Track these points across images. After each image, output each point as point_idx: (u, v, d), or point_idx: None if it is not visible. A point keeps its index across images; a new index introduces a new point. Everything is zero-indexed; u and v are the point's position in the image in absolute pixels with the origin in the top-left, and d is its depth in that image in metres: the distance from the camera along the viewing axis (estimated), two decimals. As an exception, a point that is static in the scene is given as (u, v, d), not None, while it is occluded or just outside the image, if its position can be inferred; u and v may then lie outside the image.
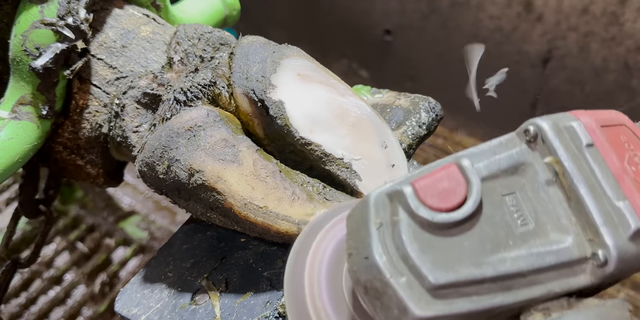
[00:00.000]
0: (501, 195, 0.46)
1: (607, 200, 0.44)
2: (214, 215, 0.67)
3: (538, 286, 0.43)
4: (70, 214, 1.91)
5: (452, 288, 0.42)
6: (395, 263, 0.43)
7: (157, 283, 0.71)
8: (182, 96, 0.69)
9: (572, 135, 0.46)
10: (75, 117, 0.74)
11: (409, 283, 0.42)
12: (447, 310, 0.42)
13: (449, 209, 0.43)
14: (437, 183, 0.44)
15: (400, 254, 0.43)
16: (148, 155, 0.67)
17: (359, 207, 0.47)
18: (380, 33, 2.20)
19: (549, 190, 0.46)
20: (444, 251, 0.43)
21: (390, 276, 0.42)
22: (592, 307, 0.43)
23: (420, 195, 0.44)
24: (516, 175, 0.47)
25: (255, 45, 0.71)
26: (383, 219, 0.45)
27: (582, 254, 0.44)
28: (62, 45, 0.68)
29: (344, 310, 0.53)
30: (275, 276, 0.67)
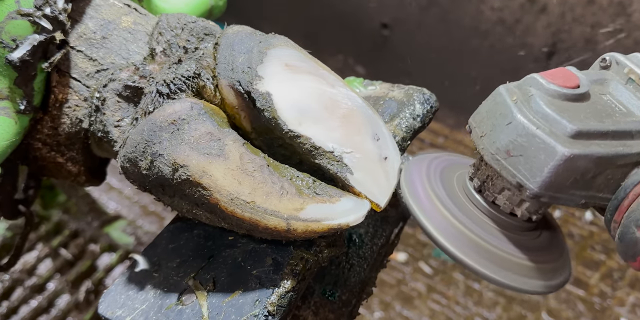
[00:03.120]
0: (599, 93, 0.64)
1: None
2: (200, 212, 0.68)
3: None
4: (53, 219, 1.92)
5: (586, 136, 0.57)
6: (536, 121, 0.58)
7: (142, 284, 0.72)
8: (164, 88, 0.69)
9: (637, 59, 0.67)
10: (54, 112, 0.75)
11: (552, 132, 0.57)
12: (584, 151, 0.57)
13: (571, 87, 0.61)
14: (557, 74, 0.62)
15: (540, 115, 0.59)
16: (130, 151, 0.67)
17: (489, 99, 0.64)
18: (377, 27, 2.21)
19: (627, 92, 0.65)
20: (574, 112, 0.59)
21: (537, 127, 0.58)
22: None
23: (548, 78, 0.61)
24: (603, 85, 0.66)
25: (240, 35, 0.71)
26: (518, 96, 0.61)
27: None
28: (40, 36, 0.69)
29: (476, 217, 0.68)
30: (265, 274, 0.67)
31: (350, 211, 0.65)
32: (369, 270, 0.81)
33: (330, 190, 0.66)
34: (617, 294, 1.86)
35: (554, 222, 0.74)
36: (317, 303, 0.76)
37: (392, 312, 1.84)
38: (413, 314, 1.84)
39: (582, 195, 0.60)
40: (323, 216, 0.64)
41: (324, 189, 0.66)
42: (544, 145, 0.57)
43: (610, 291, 1.87)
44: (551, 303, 1.84)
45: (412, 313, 1.84)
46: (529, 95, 0.60)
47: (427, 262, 1.97)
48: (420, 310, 1.85)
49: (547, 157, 0.57)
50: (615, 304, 1.84)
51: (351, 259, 0.80)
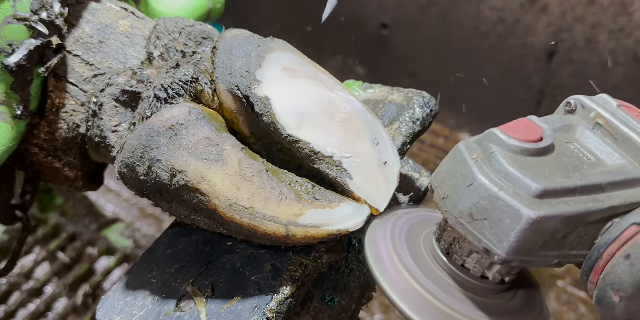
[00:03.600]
0: (565, 142, 0.62)
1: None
2: (199, 218, 0.68)
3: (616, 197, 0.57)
4: (50, 223, 1.92)
5: (552, 194, 0.54)
6: (499, 181, 0.55)
7: (140, 290, 0.72)
8: (162, 93, 0.69)
9: (604, 101, 0.64)
10: (51, 117, 0.75)
11: (516, 193, 0.54)
12: (553, 212, 0.53)
13: (533, 141, 0.58)
14: (517, 127, 0.60)
15: (502, 175, 0.56)
16: (128, 156, 0.67)
17: (449, 158, 0.61)
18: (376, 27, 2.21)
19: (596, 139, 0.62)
20: (538, 168, 0.56)
21: (500, 189, 0.55)
22: None
23: (508, 133, 0.58)
24: (569, 132, 0.63)
25: (239, 39, 0.71)
26: (478, 154, 0.58)
27: None
28: (37, 41, 0.69)
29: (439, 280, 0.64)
30: (264, 280, 0.67)
31: (350, 217, 0.65)
32: (368, 275, 0.81)
33: (329, 195, 0.66)
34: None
35: (532, 279, 0.70)
36: (316, 309, 0.76)
37: (392, 315, 1.84)
38: (414, 317, 1.83)
39: (554, 255, 0.57)
40: (322, 222, 0.64)
41: (323, 195, 0.66)
42: (508, 208, 0.54)
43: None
44: (553, 305, 1.84)
45: (413, 316, 1.84)
46: (489, 153, 0.57)
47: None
48: (421, 313, 1.84)
49: (513, 221, 0.53)
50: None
51: (351, 264, 0.80)
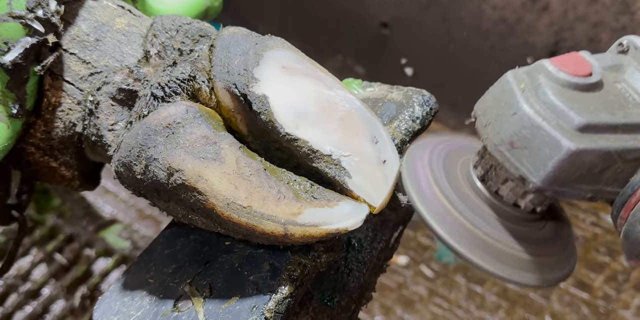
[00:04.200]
0: (613, 81, 0.61)
1: None
2: (196, 217, 0.68)
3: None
4: (47, 224, 1.92)
5: (594, 129, 0.55)
6: (543, 112, 0.56)
7: (137, 290, 0.72)
8: (159, 91, 0.69)
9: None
10: (47, 116, 0.75)
11: (558, 124, 0.55)
12: (592, 146, 0.55)
13: (582, 75, 0.59)
14: (567, 61, 0.59)
15: (547, 106, 0.56)
16: (124, 155, 0.67)
17: (496, 86, 0.61)
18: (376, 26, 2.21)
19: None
20: (584, 103, 0.57)
21: (543, 119, 0.56)
22: None
23: (558, 65, 0.58)
24: (619, 72, 0.63)
25: (236, 37, 0.71)
26: (526, 84, 0.58)
27: None
28: (32, 39, 0.69)
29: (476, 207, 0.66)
30: (262, 280, 0.67)
31: (349, 215, 0.65)
32: (368, 275, 0.81)
33: (328, 194, 0.66)
34: (621, 296, 1.86)
35: (563, 214, 0.73)
36: (315, 309, 0.76)
37: (393, 316, 1.84)
38: (414, 318, 1.84)
39: (588, 189, 0.59)
40: (321, 221, 0.64)
41: (321, 193, 0.66)
42: (549, 138, 0.55)
43: (615, 294, 1.87)
44: (555, 306, 1.84)
45: (414, 317, 1.84)
46: (537, 84, 0.58)
47: (429, 266, 1.97)
48: (421, 315, 1.85)
49: (552, 151, 0.55)
50: (619, 307, 1.84)
51: (350, 263, 0.80)
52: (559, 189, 0.58)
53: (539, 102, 0.57)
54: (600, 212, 2.26)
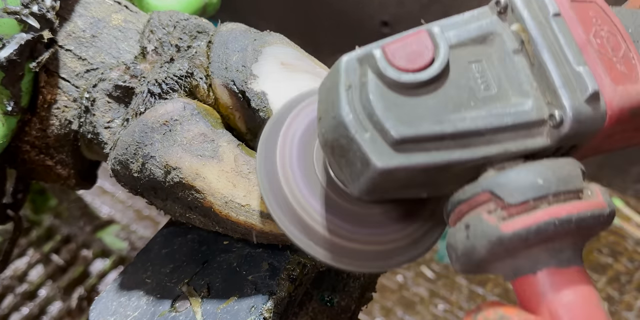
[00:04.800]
0: (468, 62, 0.51)
1: (568, 65, 0.49)
2: (194, 216, 0.68)
3: (495, 145, 0.49)
4: (44, 224, 1.92)
5: (413, 143, 0.47)
6: (361, 120, 0.48)
7: (134, 290, 0.71)
8: (156, 88, 0.69)
9: (541, 5, 0.51)
10: (43, 114, 0.74)
11: (372, 138, 0.48)
12: (406, 163, 0.47)
13: (416, 70, 0.48)
14: (407, 46, 0.49)
15: (366, 112, 0.48)
16: (121, 153, 0.67)
17: (331, 73, 0.52)
18: (377, 25, 2.20)
19: (514, 58, 0.51)
20: (408, 109, 0.48)
21: (355, 132, 0.48)
22: (543, 161, 0.48)
23: (388, 57, 0.48)
24: (485, 44, 0.52)
25: (235, 33, 0.71)
26: (353, 81, 0.49)
27: (539, 116, 0.49)
28: (27, 35, 0.69)
29: (315, 183, 0.60)
30: (260, 279, 0.67)
31: None
32: (368, 275, 0.80)
33: (327, 192, 0.66)
34: (624, 298, 1.86)
35: None
36: (315, 309, 0.75)
37: (393, 317, 1.84)
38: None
39: (420, 191, 0.53)
40: None
41: (321, 191, 0.66)
42: (359, 153, 0.48)
43: (618, 295, 1.86)
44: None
45: (414, 318, 1.84)
46: (363, 81, 0.49)
47: (429, 267, 1.97)
48: (422, 316, 1.85)
49: (363, 167, 0.48)
50: (623, 309, 1.83)
51: (350, 263, 0.80)
52: (383, 195, 0.53)
53: (360, 108, 0.49)
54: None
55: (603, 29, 0.53)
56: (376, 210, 0.60)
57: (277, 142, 0.61)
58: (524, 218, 0.45)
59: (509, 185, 0.47)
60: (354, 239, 0.60)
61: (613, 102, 0.49)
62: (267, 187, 0.59)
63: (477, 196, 0.48)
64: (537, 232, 0.45)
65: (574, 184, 0.47)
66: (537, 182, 0.46)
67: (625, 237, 2.13)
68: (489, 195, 0.48)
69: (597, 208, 0.46)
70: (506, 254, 0.46)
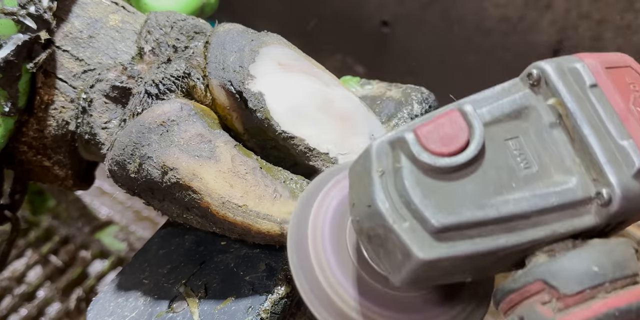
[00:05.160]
0: (504, 139, 0.49)
1: (611, 139, 0.47)
2: (191, 217, 0.68)
3: (542, 227, 0.46)
4: (42, 225, 1.91)
5: (455, 230, 0.45)
6: (398, 209, 0.46)
7: (132, 291, 0.72)
8: (153, 89, 0.69)
9: (576, 76, 0.49)
10: (40, 114, 0.75)
11: (411, 227, 0.45)
12: (450, 253, 0.45)
13: (451, 153, 0.46)
14: (440, 128, 0.47)
15: (403, 200, 0.46)
16: (118, 153, 0.67)
17: (361, 157, 0.49)
18: (376, 24, 2.20)
19: (553, 133, 0.49)
20: (447, 195, 0.46)
21: (394, 222, 0.45)
22: (595, 245, 0.46)
23: (422, 141, 0.47)
24: (519, 119, 0.49)
25: (232, 33, 0.71)
26: (385, 167, 0.47)
27: (586, 194, 0.47)
28: (24, 36, 0.69)
29: (347, 265, 0.57)
30: (258, 280, 0.67)
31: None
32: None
33: (325, 193, 0.66)
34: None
35: None
36: (313, 310, 0.76)
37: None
38: None
39: (464, 276, 0.50)
40: None
41: (318, 192, 0.66)
42: (399, 244, 0.45)
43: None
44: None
45: None
46: (397, 167, 0.47)
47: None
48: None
49: (404, 258, 0.45)
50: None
51: (348, 264, 0.80)
52: (425, 284, 0.52)
53: (396, 195, 0.46)
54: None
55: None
56: (414, 293, 0.58)
57: (309, 220, 0.58)
58: (582, 310, 0.43)
59: (563, 274, 0.45)
60: None
61: None
62: (299, 269, 0.56)
63: (529, 285, 0.46)
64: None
65: (630, 268, 0.45)
66: (592, 269, 0.44)
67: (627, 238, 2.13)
68: (542, 285, 0.45)
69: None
70: None
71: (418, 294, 0.57)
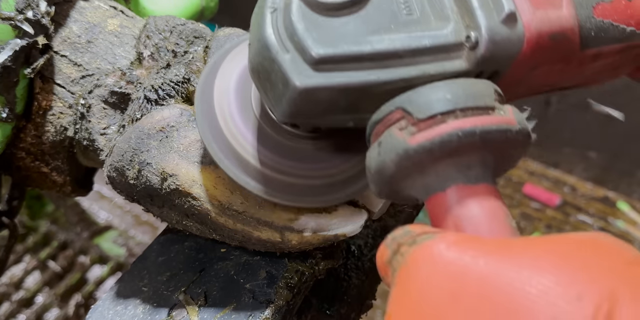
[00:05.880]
0: None
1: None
2: (191, 223, 0.68)
3: (414, 67, 0.50)
4: (41, 230, 1.92)
5: (332, 63, 0.49)
6: (283, 42, 0.50)
7: (131, 298, 0.72)
8: (153, 94, 0.69)
9: None
10: (38, 120, 0.75)
11: (292, 58, 0.49)
12: (325, 82, 0.49)
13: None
14: None
15: (288, 34, 0.50)
16: (117, 159, 0.67)
17: None
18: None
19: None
20: (329, 30, 0.50)
21: (277, 52, 0.50)
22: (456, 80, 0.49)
23: None
24: None
25: (232, 38, 0.72)
26: (278, 4, 0.51)
27: (458, 39, 0.50)
28: (22, 41, 0.69)
29: (250, 117, 0.62)
30: (258, 288, 0.67)
31: (347, 221, 0.65)
32: (368, 283, 0.81)
33: (326, 199, 0.66)
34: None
35: None
36: (314, 317, 0.76)
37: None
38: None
39: (345, 118, 0.53)
40: (318, 226, 0.64)
41: (319, 198, 0.66)
42: (281, 73, 0.49)
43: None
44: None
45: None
46: (288, 3, 0.50)
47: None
48: None
49: (284, 88, 0.50)
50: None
51: (350, 271, 0.80)
52: (308, 121, 0.55)
53: (283, 29, 0.50)
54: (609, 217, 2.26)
55: None
56: (310, 144, 0.62)
57: (215, 82, 0.63)
58: (430, 131, 0.46)
59: (419, 101, 0.47)
60: (285, 171, 0.61)
61: (531, 25, 0.50)
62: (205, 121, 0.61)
63: (391, 114, 0.49)
64: (441, 144, 0.45)
65: (484, 100, 0.47)
66: (445, 96, 0.47)
67: (632, 242, 2.13)
68: (401, 113, 0.48)
69: (503, 123, 0.46)
70: (415, 169, 0.47)
71: (314, 145, 0.62)
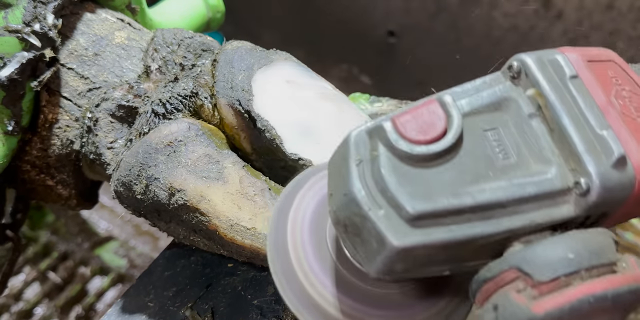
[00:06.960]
0: (483, 130, 0.49)
1: (590, 129, 0.47)
2: (198, 239, 0.68)
3: (519, 217, 0.46)
4: (41, 241, 1.91)
5: (430, 218, 0.45)
6: (374, 197, 0.46)
7: (136, 314, 0.72)
8: (160, 108, 0.70)
9: (556, 67, 0.50)
10: (44, 133, 0.75)
11: (387, 215, 0.46)
12: (425, 240, 0.45)
13: (428, 141, 0.47)
14: (418, 118, 0.48)
15: (379, 188, 0.46)
16: (124, 174, 0.68)
17: (340, 147, 0.50)
18: (383, 34, 2.21)
19: (532, 124, 0.49)
20: (423, 183, 0.46)
21: (369, 209, 0.46)
22: (572, 234, 0.46)
23: (399, 129, 0.47)
24: (499, 111, 0.50)
25: (240, 51, 0.72)
26: (363, 155, 0.48)
27: (564, 184, 0.47)
28: (29, 54, 0.69)
29: (327, 262, 0.57)
30: (266, 304, 0.68)
31: None
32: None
33: (335, 215, 0.66)
34: (640, 317, 1.85)
35: None
36: (321, 334, 0.76)
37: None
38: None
39: (442, 269, 0.50)
40: None
41: (328, 214, 0.66)
42: (374, 231, 0.46)
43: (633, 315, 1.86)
44: None
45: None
46: (375, 155, 0.48)
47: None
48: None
49: (379, 246, 0.46)
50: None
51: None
52: (402, 275, 0.50)
53: (372, 183, 0.47)
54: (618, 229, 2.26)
55: (624, 89, 0.52)
56: (394, 290, 0.58)
57: (288, 219, 0.59)
58: (556, 296, 0.43)
59: (538, 261, 0.44)
60: None
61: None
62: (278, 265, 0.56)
63: (504, 274, 0.46)
64: (571, 312, 0.42)
65: (607, 256, 0.45)
66: (567, 256, 0.44)
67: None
68: (517, 273, 0.45)
69: (634, 282, 0.43)
70: None
71: (398, 290, 0.58)
